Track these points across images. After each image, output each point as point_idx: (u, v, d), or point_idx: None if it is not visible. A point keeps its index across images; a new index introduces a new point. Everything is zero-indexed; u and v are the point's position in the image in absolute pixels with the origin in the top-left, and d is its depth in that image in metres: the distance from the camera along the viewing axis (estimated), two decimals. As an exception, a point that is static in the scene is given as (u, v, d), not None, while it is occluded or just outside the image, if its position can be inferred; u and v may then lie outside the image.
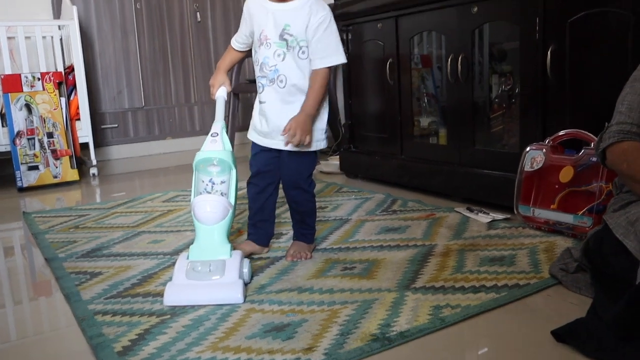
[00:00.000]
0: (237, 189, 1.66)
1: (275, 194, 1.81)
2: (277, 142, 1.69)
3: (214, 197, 1.59)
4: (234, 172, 1.63)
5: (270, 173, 1.75)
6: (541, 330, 1.25)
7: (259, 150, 1.75)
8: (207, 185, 1.62)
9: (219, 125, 1.66)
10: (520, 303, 1.41)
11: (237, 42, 1.79)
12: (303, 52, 1.64)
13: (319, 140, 1.72)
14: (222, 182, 1.63)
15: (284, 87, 1.65)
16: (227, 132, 1.67)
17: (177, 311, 1.43)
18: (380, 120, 2.86)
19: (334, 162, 3.21)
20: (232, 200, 1.61)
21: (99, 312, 1.45)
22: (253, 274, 1.64)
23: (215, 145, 1.62)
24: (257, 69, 1.70)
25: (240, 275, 1.50)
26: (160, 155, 4.31)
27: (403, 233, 1.97)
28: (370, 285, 1.52)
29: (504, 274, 1.55)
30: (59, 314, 1.56)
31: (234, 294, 1.45)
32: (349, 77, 3.04)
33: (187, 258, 1.54)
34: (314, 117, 1.66)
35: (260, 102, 1.71)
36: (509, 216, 2.07)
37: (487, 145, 2.36)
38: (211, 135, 1.64)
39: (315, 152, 1.74)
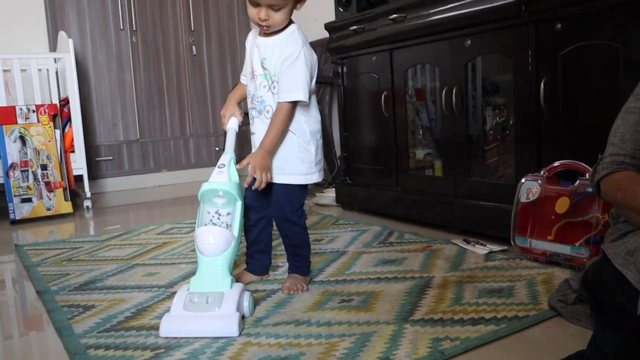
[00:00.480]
0: (242, 221, 1.65)
1: (269, 226, 1.82)
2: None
3: (216, 228, 1.57)
4: (239, 203, 1.62)
5: (261, 207, 1.76)
6: (542, 362, 1.23)
7: (251, 184, 1.75)
8: (212, 216, 1.60)
9: (227, 156, 1.65)
10: (520, 335, 1.39)
11: (243, 76, 1.83)
12: (274, 87, 1.67)
13: (310, 173, 1.72)
14: (228, 214, 1.61)
15: (269, 117, 1.68)
16: (236, 164, 1.65)
17: (172, 344, 1.40)
18: (375, 153, 2.87)
19: (329, 195, 3.21)
20: (236, 233, 1.60)
21: (91, 346, 1.43)
22: (250, 306, 1.62)
23: (221, 177, 1.60)
24: (248, 101, 1.75)
25: (237, 308, 1.47)
26: (155, 187, 4.31)
27: (400, 265, 1.96)
28: (368, 317, 1.50)
29: (502, 306, 1.54)
30: (50, 349, 1.53)
31: (229, 326, 1.42)
32: (344, 110, 3.06)
33: (188, 289, 1.52)
34: (272, 153, 1.67)
35: (251, 134, 1.75)
36: (505, 247, 2.06)
37: (482, 177, 2.37)
38: (218, 166, 1.63)
39: (304, 185, 1.74)
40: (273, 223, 1.81)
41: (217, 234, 1.56)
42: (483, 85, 2.44)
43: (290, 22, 1.68)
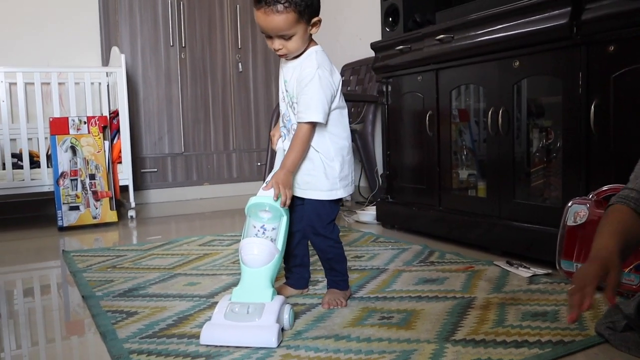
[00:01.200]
0: (286, 236, 1.66)
1: (305, 239, 1.83)
2: (296, 190, 1.73)
3: (261, 240, 1.60)
4: (284, 219, 1.64)
5: (294, 220, 1.77)
6: (589, 389, 1.19)
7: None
8: (258, 230, 1.62)
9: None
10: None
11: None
12: (294, 108, 1.72)
13: (334, 189, 1.74)
14: (273, 229, 1.63)
15: None
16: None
17: (212, 353, 1.41)
18: (418, 172, 2.85)
19: (370, 212, 3.20)
20: (280, 246, 1.62)
21: (134, 352, 1.45)
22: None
23: (269, 192, 1.63)
24: (280, 120, 1.82)
25: (277, 320, 1.48)
26: (197, 200, 4.37)
27: (441, 284, 1.93)
28: (408, 335, 1.49)
29: (547, 330, 1.50)
30: (94, 352, 1.56)
31: (268, 337, 1.43)
32: (388, 128, 3.06)
33: (230, 299, 1.55)
34: (294, 172, 1.70)
35: (284, 150, 1.78)
36: (550, 271, 2.02)
37: (527, 199, 2.33)
38: (266, 182, 1.67)
39: (333, 200, 1.75)
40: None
41: (262, 246, 1.58)
42: (530, 106, 2.41)
43: (312, 43, 1.72)
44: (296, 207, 1.77)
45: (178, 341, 1.51)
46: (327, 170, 1.72)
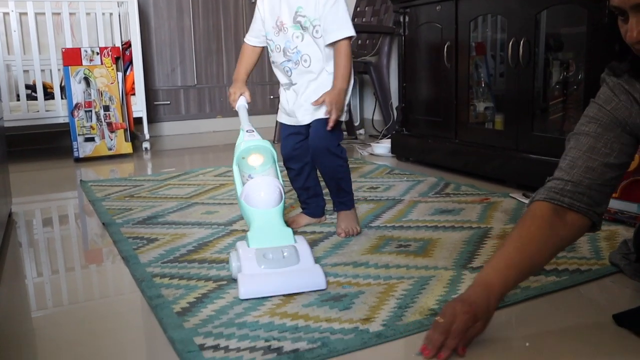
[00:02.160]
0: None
1: (314, 171, 1.84)
2: (305, 116, 1.72)
3: (266, 179, 1.52)
4: (276, 166, 1.60)
5: (301, 155, 1.79)
6: (602, 314, 1.22)
7: (287, 134, 1.79)
8: (248, 180, 1.55)
9: (249, 126, 1.66)
10: (582, 288, 1.38)
11: (253, 37, 1.81)
12: (317, 31, 1.67)
13: (345, 111, 1.73)
14: (257, 173, 1.56)
15: (308, 66, 1.70)
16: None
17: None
18: (434, 104, 2.82)
19: (384, 145, 3.19)
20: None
21: (156, 275, 1.48)
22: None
23: (255, 137, 1.59)
24: (278, 56, 1.73)
25: (315, 261, 1.43)
26: (210, 133, 4.37)
27: (457, 215, 1.95)
28: (426, 262, 1.51)
29: (564, 259, 1.51)
30: (117, 276, 1.60)
31: (318, 280, 1.35)
32: (404, 60, 3.00)
33: (249, 246, 1.43)
34: (345, 91, 1.68)
35: (292, 84, 1.74)
36: (566, 204, 2.02)
37: (545, 132, 2.31)
38: (246, 131, 1.62)
39: (340, 122, 1.73)
40: (315, 168, 1.83)
41: (270, 185, 1.50)
42: (551, 37, 2.35)
43: None
44: (298, 143, 1.77)
45: (199, 266, 1.54)
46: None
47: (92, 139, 3.38)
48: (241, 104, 1.77)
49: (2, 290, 1.48)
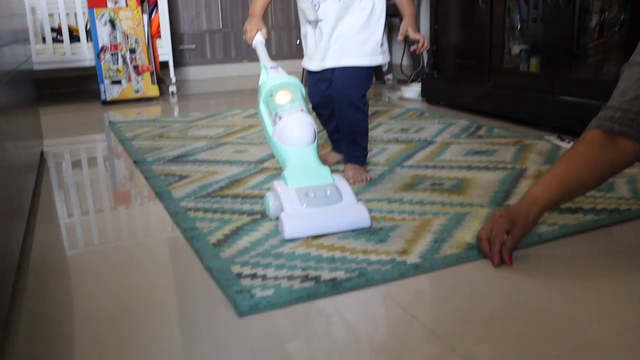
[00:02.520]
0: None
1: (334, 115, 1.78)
2: (330, 59, 1.66)
3: (300, 116, 1.44)
4: (304, 100, 1.50)
5: (329, 102, 1.73)
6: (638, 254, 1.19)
7: (315, 82, 1.73)
8: (276, 119, 1.47)
9: (271, 63, 1.58)
10: (621, 227, 1.35)
11: None
12: None
13: (378, 54, 1.67)
14: (287, 110, 1.46)
15: (339, 0, 1.61)
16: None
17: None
18: (467, 47, 2.75)
19: (414, 89, 3.14)
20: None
21: (190, 209, 1.49)
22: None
23: (281, 73, 1.52)
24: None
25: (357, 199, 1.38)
26: (235, 78, 4.33)
27: (491, 156, 1.91)
28: (461, 200, 1.49)
29: (602, 199, 1.48)
30: (152, 211, 1.61)
31: (363, 218, 1.32)
32: (436, 2, 2.91)
33: (288, 185, 1.37)
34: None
35: (319, 20, 1.66)
36: (603, 147, 1.97)
37: (583, 74, 2.24)
38: (270, 68, 1.54)
39: (370, 68, 1.68)
40: None
41: (305, 123, 1.43)
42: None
43: None
44: (325, 90, 1.71)
45: (232, 201, 1.54)
46: (372, 32, 1.64)
47: (118, 82, 3.37)
48: (258, 40, 1.68)
49: (39, 230, 1.50)
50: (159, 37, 3.64)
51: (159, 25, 3.64)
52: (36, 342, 0.95)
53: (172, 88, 3.64)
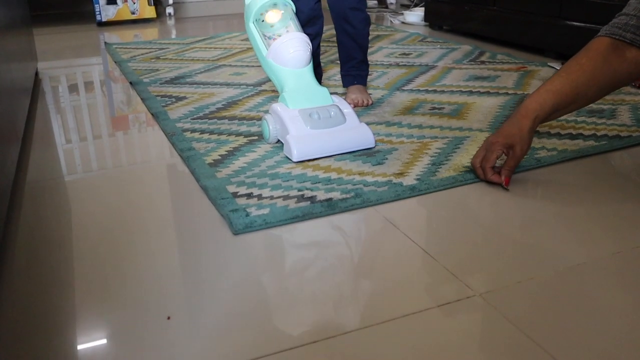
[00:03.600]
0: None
1: (320, 39, 1.72)
2: None
3: (295, 35, 1.38)
4: (295, 18, 1.44)
5: (318, 17, 1.64)
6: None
7: None
8: (267, 40, 1.41)
9: None
10: (622, 153, 1.34)
11: None
12: None
13: None
14: (279, 29, 1.40)
15: None
16: None
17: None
18: (473, -32, 2.65)
19: (417, 13, 3.05)
20: None
21: (187, 130, 1.47)
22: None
23: None
24: None
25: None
26: (234, 0, 4.20)
27: (492, 82, 1.88)
28: (460, 124, 1.47)
29: (603, 125, 1.47)
30: (148, 131, 1.59)
31: (368, 138, 1.31)
32: None
33: (289, 107, 1.32)
34: None
35: None
36: (608, 74, 1.93)
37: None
38: None
39: None
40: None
41: (300, 41, 1.37)
42: None
43: None
44: (318, 2, 1.63)
45: (229, 122, 1.52)
46: None
47: (114, 2, 3.27)
48: None
49: (34, 152, 1.49)
50: (155, -45, 3.51)
51: (155, -57, 3.50)
52: (34, 254, 0.96)
53: (169, 9, 3.55)
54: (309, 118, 1.29)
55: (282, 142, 1.33)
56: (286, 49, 1.37)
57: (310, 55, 1.40)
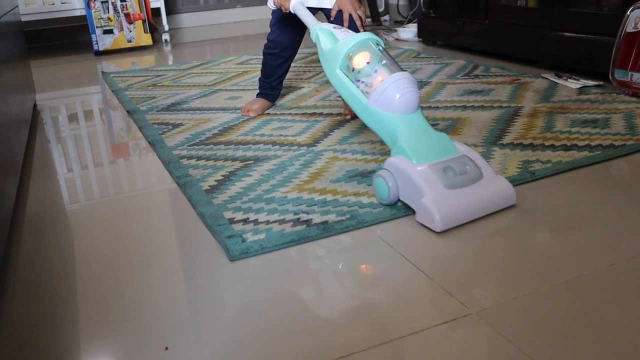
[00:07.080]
0: None
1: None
2: None
3: (399, 75, 1.19)
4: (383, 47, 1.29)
5: (297, 44, 1.79)
6: (636, 188, 1.19)
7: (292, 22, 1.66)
8: (360, 83, 1.23)
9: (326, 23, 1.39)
10: (616, 162, 1.34)
11: None
12: None
13: None
14: (375, 71, 1.21)
15: None
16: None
17: (260, 157, 1.43)
18: (463, -17, 2.68)
19: (410, 30, 3.08)
20: None
21: (183, 157, 1.48)
22: (334, 127, 1.63)
23: (349, 32, 1.31)
24: None
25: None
26: (230, 24, 4.25)
27: (487, 95, 1.89)
28: (455, 139, 1.48)
29: (597, 135, 1.47)
30: (145, 159, 1.60)
31: (510, 194, 1.13)
32: (431, -64, 2.82)
33: (415, 162, 1.10)
34: None
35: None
36: (601, 83, 1.94)
37: (582, 7, 2.18)
38: (334, 27, 1.33)
39: None
40: None
41: (410, 82, 1.19)
42: None
43: None
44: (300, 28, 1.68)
45: (225, 147, 1.53)
46: None
47: (110, 31, 3.31)
48: (296, 0, 1.48)
49: (34, 184, 1.50)
50: (150, -17, 3.55)
51: (148, -29, 3.55)
52: (33, 284, 0.96)
53: (165, 36, 3.58)
54: (444, 175, 1.09)
55: (380, 199, 1.16)
56: (392, 92, 1.17)
57: (418, 95, 1.21)
